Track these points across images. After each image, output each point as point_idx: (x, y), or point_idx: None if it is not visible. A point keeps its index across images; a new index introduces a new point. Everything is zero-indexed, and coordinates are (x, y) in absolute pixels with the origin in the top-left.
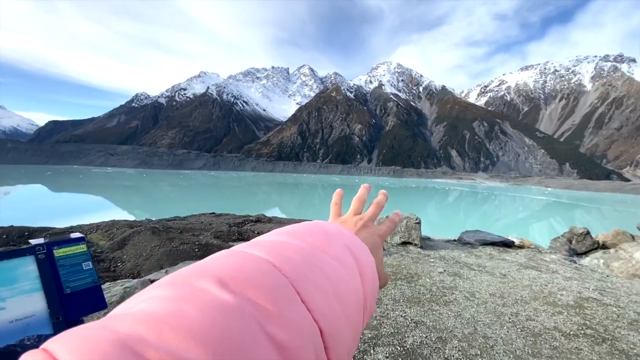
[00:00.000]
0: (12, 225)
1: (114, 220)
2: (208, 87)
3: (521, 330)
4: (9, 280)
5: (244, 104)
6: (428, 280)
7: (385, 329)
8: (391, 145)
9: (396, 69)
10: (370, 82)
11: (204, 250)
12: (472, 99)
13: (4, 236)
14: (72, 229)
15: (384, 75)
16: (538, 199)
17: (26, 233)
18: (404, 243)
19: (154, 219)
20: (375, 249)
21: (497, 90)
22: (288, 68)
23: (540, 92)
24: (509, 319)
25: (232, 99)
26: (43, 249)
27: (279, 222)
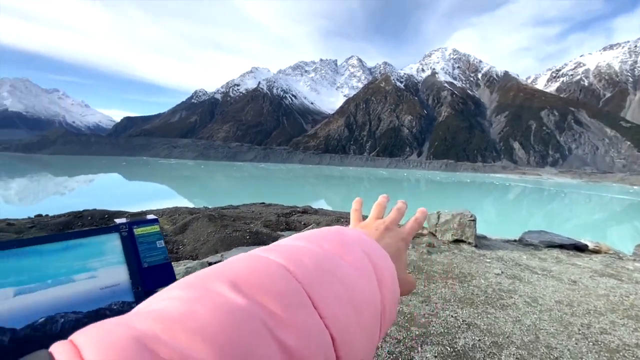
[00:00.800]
0: (95, 209)
1: (176, 207)
2: (259, 82)
3: (593, 344)
4: (99, 253)
5: (293, 98)
6: (483, 281)
7: (434, 328)
8: (444, 137)
9: (452, 56)
10: (422, 70)
11: (255, 238)
12: (540, 85)
13: (89, 217)
14: (144, 213)
15: (437, 63)
16: (619, 198)
17: (106, 215)
18: (457, 241)
19: (210, 207)
20: (398, 254)
21: (571, 75)
22: (336, 60)
23: (629, 74)
24: (579, 330)
25: (281, 93)
26: (125, 227)
27: (325, 214)
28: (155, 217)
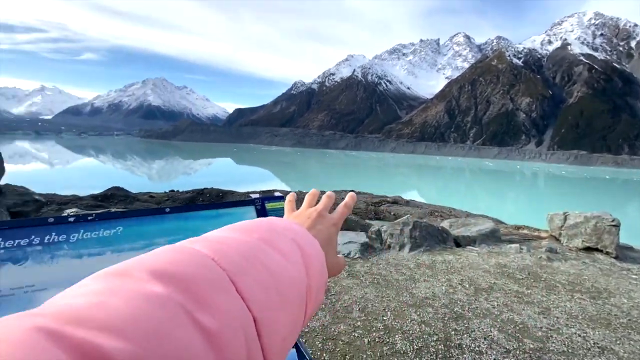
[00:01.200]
0: (212, 187)
1: (275, 189)
2: (354, 70)
3: None
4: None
5: (388, 84)
6: (625, 300)
7: (554, 345)
8: (574, 124)
9: (592, 21)
10: (549, 42)
11: (344, 223)
12: None
13: (207, 194)
14: (251, 193)
15: (571, 32)
16: None
17: (220, 193)
18: (589, 249)
19: (303, 191)
20: (329, 239)
21: None
22: (438, 39)
23: None
24: None
25: (376, 80)
26: (259, 202)
27: (417, 206)
28: (282, 194)
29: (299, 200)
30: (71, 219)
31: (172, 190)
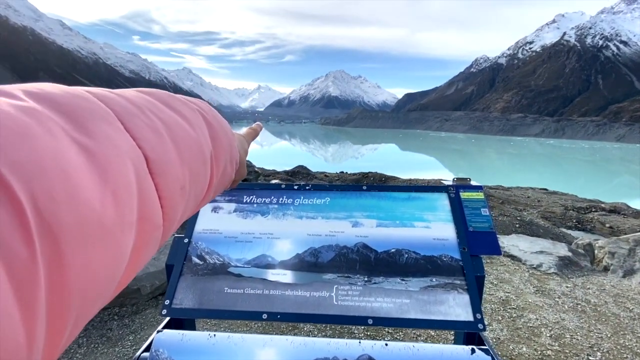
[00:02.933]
0: (376, 172)
1: (440, 179)
2: (564, 33)
3: None
4: (432, 207)
5: (620, 46)
6: None
7: None
8: None
9: None
10: None
11: (526, 228)
12: None
13: (371, 178)
14: (413, 181)
15: None
16: None
17: (383, 178)
18: None
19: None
20: (241, 143)
21: None
22: None
23: None
24: None
25: (599, 42)
26: (453, 189)
27: None
28: (481, 185)
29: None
30: (295, 187)
31: (342, 172)
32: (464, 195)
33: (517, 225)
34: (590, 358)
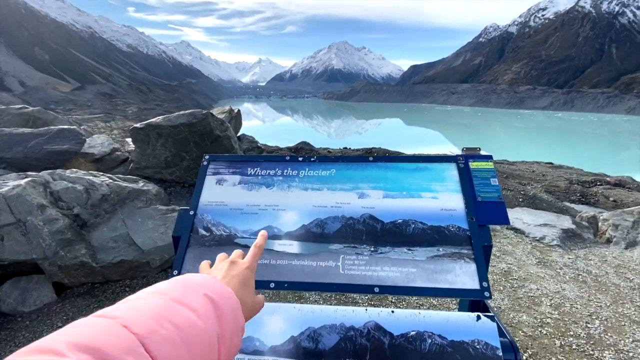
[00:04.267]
0: (380, 147)
1: (445, 154)
2: None
3: None
4: (440, 178)
5: (636, 12)
6: None
7: None
8: None
9: None
10: None
11: (529, 202)
12: None
13: (375, 154)
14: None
15: None
16: None
17: (387, 154)
18: None
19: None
20: (243, 283)
21: None
22: None
23: None
24: None
25: (615, 9)
26: (462, 159)
27: None
28: (490, 154)
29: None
30: (300, 159)
31: (345, 148)
32: (473, 165)
33: (520, 200)
34: (588, 325)
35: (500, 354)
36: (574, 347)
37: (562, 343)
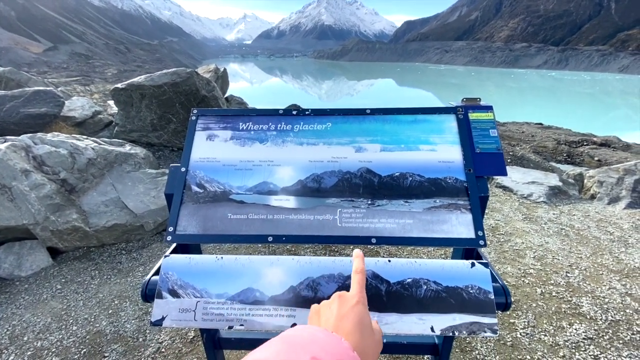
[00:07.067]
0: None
1: None
2: None
3: None
4: (439, 130)
5: None
6: None
7: None
8: None
9: None
10: None
11: (517, 162)
12: None
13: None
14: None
15: None
16: None
17: None
18: None
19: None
20: (360, 322)
21: None
22: None
23: None
24: None
25: None
26: (462, 110)
27: None
28: (490, 104)
29: None
30: (294, 112)
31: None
32: (473, 116)
33: (508, 160)
34: (568, 275)
35: (493, 297)
36: (553, 294)
37: (543, 291)
